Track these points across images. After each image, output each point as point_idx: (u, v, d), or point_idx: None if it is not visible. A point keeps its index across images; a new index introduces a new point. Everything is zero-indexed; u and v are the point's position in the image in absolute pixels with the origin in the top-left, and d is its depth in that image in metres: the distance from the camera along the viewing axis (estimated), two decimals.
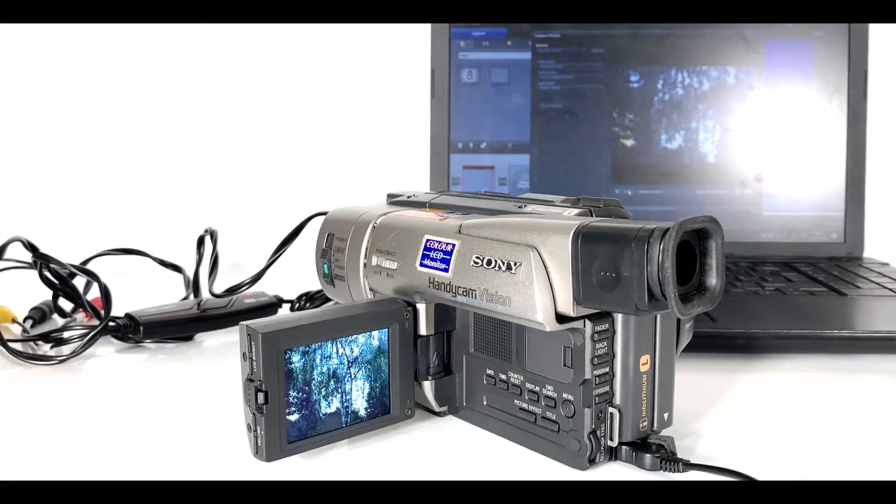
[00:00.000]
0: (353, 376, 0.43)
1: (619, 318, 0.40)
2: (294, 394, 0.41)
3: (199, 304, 0.66)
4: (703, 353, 0.57)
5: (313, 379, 0.41)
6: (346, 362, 0.43)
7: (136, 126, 1.08)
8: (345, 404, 0.43)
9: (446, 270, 0.44)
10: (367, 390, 0.44)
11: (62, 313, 0.69)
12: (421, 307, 0.45)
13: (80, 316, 0.69)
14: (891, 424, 0.48)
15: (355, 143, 1.08)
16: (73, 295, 0.64)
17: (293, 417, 0.41)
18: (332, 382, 0.42)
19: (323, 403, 0.42)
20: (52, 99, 1.08)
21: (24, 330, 0.66)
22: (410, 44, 0.97)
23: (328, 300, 0.67)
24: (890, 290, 0.68)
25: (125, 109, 1.08)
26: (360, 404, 0.44)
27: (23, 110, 1.08)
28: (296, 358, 0.41)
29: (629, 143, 0.86)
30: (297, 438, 0.41)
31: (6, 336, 0.60)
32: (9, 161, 1.08)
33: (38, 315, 0.69)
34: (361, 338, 0.43)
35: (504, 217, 0.44)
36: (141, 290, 0.72)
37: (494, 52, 0.88)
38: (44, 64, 1.07)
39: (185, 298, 0.71)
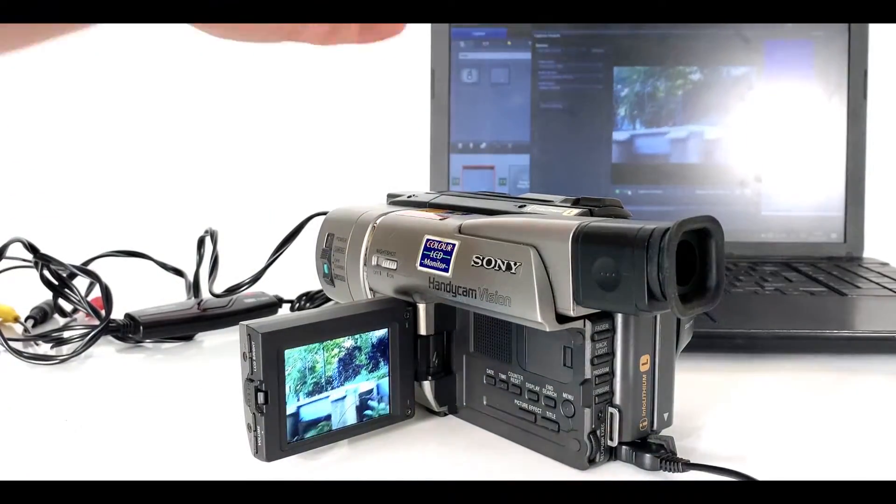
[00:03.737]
0: (352, 376, 0.43)
1: (619, 318, 0.40)
2: (294, 393, 0.41)
3: (199, 304, 0.66)
4: (703, 353, 0.57)
5: (313, 379, 0.41)
6: (345, 362, 0.43)
7: (137, 127, 1.08)
8: (345, 404, 0.43)
9: (446, 270, 0.44)
10: (367, 390, 0.44)
11: (63, 313, 0.70)
12: (421, 307, 0.45)
13: (81, 316, 0.69)
14: (891, 424, 0.48)
15: (355, 144, 1.08)
16: (71, 296, 0.64)
17: (293, 417, 0.41)
18: (332, 382, 0.42)
19: (323, 403, 0.42)
20: (54, 100, 1.08)
21: (26, 329, 0.66)
22: (410, 44, 0.97)
23: (328, 300, 0.67)
24: (890, 290, 0.68)
25: (127, 111, 1.08)
26: (360, 404, 0.44)
27: (25, 111, 1.08)
28: (296, 358, 0.41)
29: (626, 139, 0.86)
30: (297, 438, 0.41)
31: (8, 335, 0.60)
32: (11, 162, 1.08)
33: (40, 315, 0.69)
34: (361, 338, 0.43)
35: (504, 217, 0.44)
36: (142, 292, 0.72)
37: (494, 53, 0.88)
38: (46, 64, 1.07)
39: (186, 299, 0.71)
